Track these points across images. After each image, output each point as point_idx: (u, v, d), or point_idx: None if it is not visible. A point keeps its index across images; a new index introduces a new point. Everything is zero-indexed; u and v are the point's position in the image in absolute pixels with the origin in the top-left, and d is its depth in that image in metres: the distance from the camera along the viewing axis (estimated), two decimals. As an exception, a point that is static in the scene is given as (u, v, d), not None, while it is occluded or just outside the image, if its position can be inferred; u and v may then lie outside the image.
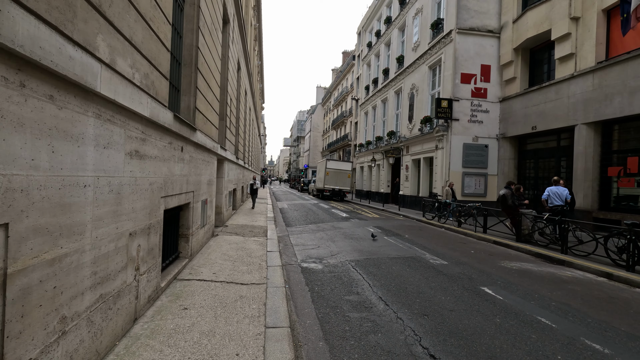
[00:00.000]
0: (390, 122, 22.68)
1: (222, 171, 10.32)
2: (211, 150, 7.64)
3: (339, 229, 11.00)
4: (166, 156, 4.35)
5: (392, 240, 9.16)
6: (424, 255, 7.39)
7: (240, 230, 9.72)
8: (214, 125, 8.00)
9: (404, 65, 20.42)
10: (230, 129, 11.39)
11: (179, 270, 5.26)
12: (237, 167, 14.37)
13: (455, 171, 14.97)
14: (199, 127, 6.26)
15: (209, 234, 8.01)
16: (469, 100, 15.11)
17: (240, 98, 14.88)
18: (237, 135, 14.37)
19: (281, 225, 11.82)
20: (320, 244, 8.58)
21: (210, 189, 7.86)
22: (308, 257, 7.13)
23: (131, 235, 3.30)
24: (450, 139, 14.98)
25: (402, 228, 11.60)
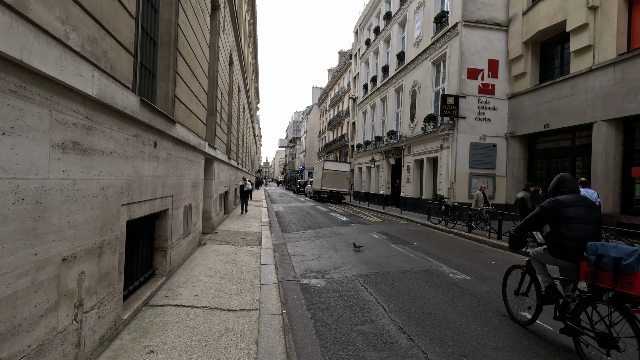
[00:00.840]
0: (390, 121, 21.83)
1: (211, 172, 9.34)
2: (197, 148, 6.67)
3: (340, 235, 10.07)
4: (130, 152, 3.39)
5: (401, 248, 8.24)
6: (440, 267, 6.47)
7: (231, 237, 8.75)
8: (200, 120, 7.04)
9: (405, 62, 19.58)
10: (221, 126, 10.43)
11: (153, 292, 4.30)
12: (229, 168, 13.40)
13: (462, 172, 14.12)
14: (180, 120, 5.30)
15: (195, 243, 7.04)
16: (476, 97, 14.28)
17: (232, 94, 13.92)
18: (229, 134, 13.41)
19: (277, 231, 10.87)
20: (320, 253, 7.64)
21: (196, 192, 6.89)
22: (308, 271, 6.19)
23: (66, 262, 2.34)
24: (457, 137, 14.13)
25: (409, 234, 10.70)
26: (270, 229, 11.02)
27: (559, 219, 3.35)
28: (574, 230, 3.25)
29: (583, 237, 3.20)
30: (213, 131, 9.32)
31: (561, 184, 3.58)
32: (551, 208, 3.42)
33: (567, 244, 3.24)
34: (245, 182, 13.66)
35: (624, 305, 2.72)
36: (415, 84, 18.10)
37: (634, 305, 2.69)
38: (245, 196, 13.74)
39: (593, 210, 3.37)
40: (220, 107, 10.37)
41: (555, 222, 3.39)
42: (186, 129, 5.71)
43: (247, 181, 13.78)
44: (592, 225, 3.27)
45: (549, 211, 3.44)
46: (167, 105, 4.88)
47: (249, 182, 14.19)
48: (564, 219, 3.32)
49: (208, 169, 9.30)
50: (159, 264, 4.91)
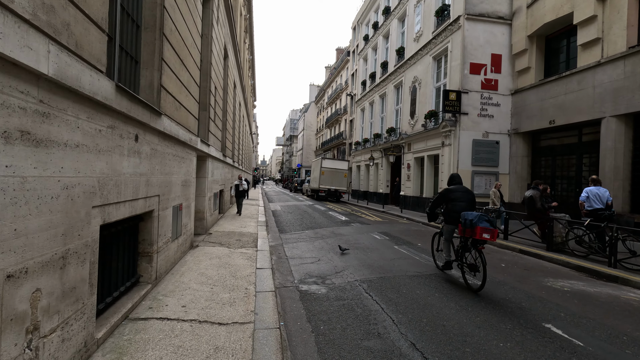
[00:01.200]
0: (389, 118, 21.41)
1: (204, 170, 8.89)
2: (187, 144, 6.22)
3: (340, 235, 9.64)
4: (104, 146, 2.94)
5: (405, 250, 7.83)
6: (449, 271, 6.06)
7: (225, 239, 8.30)
8: (191, 114, 6.58)
9: (405, 58, 19.16)
10: (215, 121, 9.97)
11: (135, 303, 3.85)
12: (224, 166, 12.93)
13: (464, 170, 13.72)
14: (167, 113, 4.85)
15: (186, 246, 6.58)
16: (479, 93, 13.88)
17: (228, 90, 13.45)
18: (224, 131, 12.94)
19: (274, 231, 10.43)
20: (320, 256, 7.21)
21: (187, 191, 6.44)
22: (307, 276, 5.76)
23: (12, 279, 1.90)
24: (459, 134, 13.73)
25: (411, 234, 10.30)
26: (267, 229, 10.58)
27: (449, 200, 5.65)
28: (456, 207, 5.51)
29: (460, 210, 5.42)
30: (206, 127, 8.85)
31: (451, 180, 5.92)
32: (445, 194, 5.73)
33: (453, 215, 5.52)
34: (240, 182, 12.91)
35: (477, 246, 4.97)
36: (415, 80, 17.68)
37: (481, 244, 4.96)
38: (241, 196, 12.89)
39: (467, 195, 5.60)
40: (214, 102, 9.90)
41: (447, 202, 5.70)
42: (175, 122, 5.25)
43: (242, 180, 13.09)
44: (465, 203, 5.50)
45: (444, 196, 5.75)
46: (152, 95, 4.42)
47: (245, 181, 13.51)
48: (451, 200, 5.61)
49: (201, 167, 8.84)
50: (143, 270, 4.46)
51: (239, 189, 12.78)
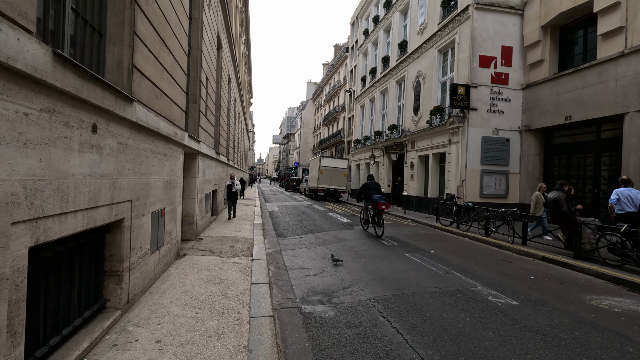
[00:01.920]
0: (391, 115, 20.61)
1: (194, 168, 8.03)
2: (171, 139, 5.37)
3: (343, 241, 8.83)
4: (33, 136, 2.10)
5: (418, 259, 7.02)
6: (474, 287, 5.26)
7: (218, 245, 7.46)
8: (177, 104, 5.73)
9: (408, 52, 18.34)
10: (206, 116, 9.11)
11: (95, 339, 3.01)
12: (218, 165, 12.07)
13: (473, 168, 12.96)
14: (143, 100, 4.00)
15: (170, 256, 5.74)
16: (489, 87, 13.10)
17: (222, 83, 12.57)
18: (217, 126, 12.08)
19: (271, 235, 9.60)
20: (324, 265, 6.39)
21: (170, 193, 5.59)
22: (311, 292, 4.94)
23: None
24: (468, 131, 12.95)
25: (420, 238, 9.51)
26: (264, 233, 9.75)
27: (367, 189, 10.02)
28: (369, 192, 9.91)
29: (372, 195, 9.70)
30: (196, 121, 7.99)
31: (369, 177, 10.85)
32: (365, 186, 10.18)
33: (368, 198, 9.87)
34: (233, 181, 11.51)
35: (379, 213, 9.40)
36: (419, 75, 16.88)
37: (381, 212, 9.36)
38: (234, 198, 11.53)
39: (376, 186, 10.16)
40: (206, 95, 9.04)
41: (366, 191, 10.04)
42: (154, 112, 4.40)
43: (235, 180, 11.74)
44: (374, 191, 9.88)
45: (364, 187, 10.17)
46: (121, 76, 3.57)
47: (241, 180, 12.45)
48: (368, 189, 10.02)
49: (190, 165, 7.99)
50: (111, 293, 3.62)
51: (231, 190, 11.41)
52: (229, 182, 11.53)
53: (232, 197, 11.51)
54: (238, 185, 11.72)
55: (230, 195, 11.48)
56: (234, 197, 11.56)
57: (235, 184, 11.52)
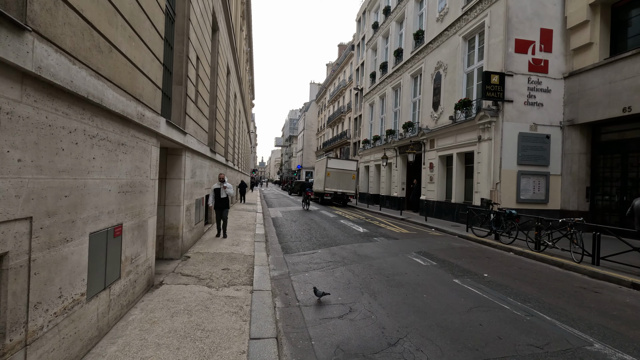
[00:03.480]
0: (405, 112, 18.89)
1: (178, 168, 6.32)
2: (132, 121, 3.65)
3: (366, 258, 7.07)
4: None
5: (473, 287, 5.27)
6: (589, 345, 3.49)
7: (208, 267, 5.72)
8: (144, 74, 4.02)
9: (425, 42, 16.64)
10: (197, 103, 7.41)
11: None
12: (214, 165, 10.37)
13: (509, 170, 11.20)
14: (54, 38, 2.27)
15: (134, 292, 3.98)
16: (526, 76, 11.37)
17: (218, 70, 10.90)
18: (213, 120, 10.39)
19: (276, 250, 7.86)
20: (350, 299, 4.65)
21: (133, 201, 3.86)
22: (341, 353, 3.20)
23: None
24: (502, 126, 11.20)
25: (459, 254, 7.75)
26: (267, 246, 8.02)
27: (306, 185, 20.29)
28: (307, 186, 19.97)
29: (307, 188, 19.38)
30: (182, 108, 6.30)
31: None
32: (304, 183, 23.97)
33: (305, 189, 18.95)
34: (222, 184, 8.42)
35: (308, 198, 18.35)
36: (439, 66, 15.16)
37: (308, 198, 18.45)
38: (223, 207, 8.43)
39: (308, 182, 22.67)
40: (197, 78, 7.35)
41: (304, 187, 20.20)
42: (89, 70, 2.68)
43: (225, 183, 8.50)
44: (309, 187, 19.96)
45: (303, 182, 26.75)
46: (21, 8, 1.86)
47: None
48: (307, 186, 20.23)
49: (173, 164, 6.27)
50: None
51: (220, 196, 8.39)
52: (217, 185, 8.46)
53: (222, 205, 8.43)
54: (230, 189, 8.50)
55: (219, 203, 8.41)
56: (223, 206, 8.43)
57: (226, 188, 8.40)
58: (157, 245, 6.20)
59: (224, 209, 8.47)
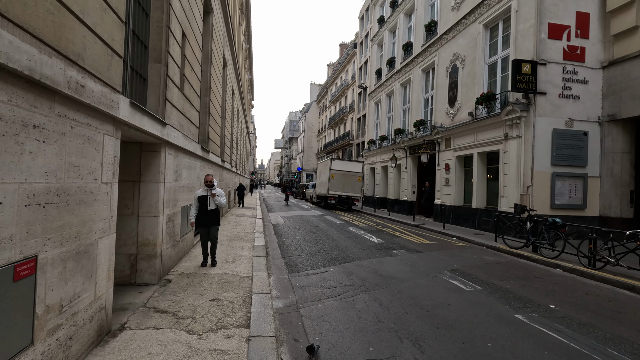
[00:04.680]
0: (415, 109, 17.57)
1: (155, 168, 4.97)
2: (65, 94, 2.29)
3: (392, 281, 5.72)
4: None
5: (550, 330, 3.91)
6: None
7: (191, 297, 4.37)
8: (91, 30, 2.67)
9: (438, 33, 15.36)
10: (183, 90, 6.09)
11: None
12: (206, 165, 9.03)
13: (542, 171, 9.87)
14: None
15: (72, 354, 2.61)
16: (560, 65, 10.06)
17: (213, 59, 9.59)
18: (206, 114, 9.08)
19: (279, 267, 6.51)
20: (387, 352, 3.29)
21: (70, 218, 2.50)
22: None
23: None
24: (534, 122, 9.88)
25: (499, 272, 6.40)
26: (268, 263, 6.67)
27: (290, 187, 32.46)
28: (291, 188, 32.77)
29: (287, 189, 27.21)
30: (160, 91, 4.96)
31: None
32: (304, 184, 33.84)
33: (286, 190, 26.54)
34: (209, 191, 5.95)
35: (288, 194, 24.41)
36: (455, 58, 13.87)
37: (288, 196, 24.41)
38: (211, 222, 5.97)
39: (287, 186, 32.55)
40: (182, 58, 6.04)
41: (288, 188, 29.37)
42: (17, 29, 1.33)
43: (215, 189, 6.00)
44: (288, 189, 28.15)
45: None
46: None
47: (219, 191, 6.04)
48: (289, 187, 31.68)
49: (150, 163, 4.93)
50: None
51: (207, 208, 5.93)
52: (203, 192, 5.95)
53: (209, 220, 5.93)
54: (221, 198, 6.04)
55: (206, 217, 5.90)
56: (211, 221, 5.94)
57: (216, 195, 5.95)
58: (128, 267, 4.86)
59: (213, 226, 5.94)
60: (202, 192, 5.96)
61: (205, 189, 5.99)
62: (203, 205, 5.94)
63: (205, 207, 5.93)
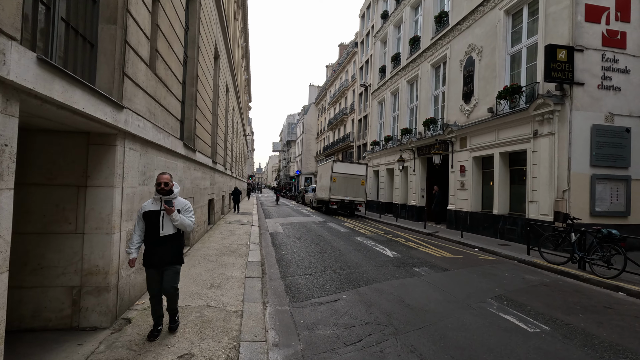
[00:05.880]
0: (424, 107, 16.31)
1: (108, 168, 3.64)
2: None
3: (426, 315, 4.38)
4: None
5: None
6: None
7: (151, 350, 3.01)
8: None
9: (450, 23, 14.14)
10: (156, 70, 4.77)
11: None
12: (191, 167, 7.67)
13: (580, 173, 8.60)
14: None
15: None
16: (599, 52, 8.84)
17: (202, 45, 8.29)
18: (193, 108, 7.80)
19: (277, 292, 5.16)
20: None
21: None
22: None
23: None
24: (570, 117, 8.62)
25: (556, 301, 5.09)
26: (264, 287, 5.33)
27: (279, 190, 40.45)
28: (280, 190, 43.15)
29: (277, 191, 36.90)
30: (115, 62, 3.64)
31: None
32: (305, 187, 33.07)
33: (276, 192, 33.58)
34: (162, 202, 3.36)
35: None
36: (471, 49, 12.63)
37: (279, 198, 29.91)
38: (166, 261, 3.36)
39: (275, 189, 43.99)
40: (153, 26, 4.73)
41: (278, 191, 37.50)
42: None
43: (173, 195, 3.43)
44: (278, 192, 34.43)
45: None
46: None
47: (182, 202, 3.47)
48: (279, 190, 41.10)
49: (100, 160, 3.60)
50: None
51: (159, 233, 3.34)
52: (151, 205, 3.39)
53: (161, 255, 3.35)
54: (185, 214, 3.50)
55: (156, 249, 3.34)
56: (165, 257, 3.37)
57: (174, 210, 3.36)
58: (68, 305, 3.51)
59: (168, 268, 3.39)
60: (151, 205, 3.36)
61: (153, 200, 3.39)
62: (152, 227, 3.33)
63: (156, 232, 3.32)
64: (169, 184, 3.38)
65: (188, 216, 3.51)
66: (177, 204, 3.47)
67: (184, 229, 3.47)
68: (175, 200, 3.47)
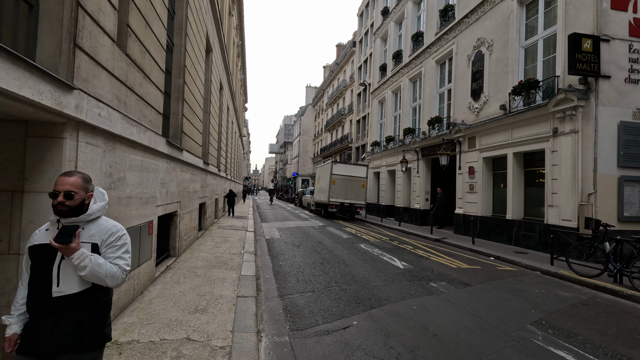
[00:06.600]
0: (428, 106, 15.55)
1: (52, 169, 2.75)
2: None
3: (457, 349, 3.56)
4: None
5: None
6: None
7: None
8: None
9: (456, 17, 13.41)
10: (127, 51, 3.98)
11: None
12: (177, 168, 6.80)
13: (607, 174, 7.85)
14: None
15: None
16: (626, 42, 8.11)
17: (190, 32, 7.46)
18: (179, 102, 6.99)
19: (275, 317, 4.32)
20: None
21: None
22: None
23: None
24: (596, 113, 7.87)
25: (606, 324, 4.30)
26: (258, 310, 4.49)
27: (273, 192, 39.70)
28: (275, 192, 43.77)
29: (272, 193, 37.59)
30: (64, 30, 2.77)
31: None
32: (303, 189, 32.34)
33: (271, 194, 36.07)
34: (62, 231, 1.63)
35: None
36: (480, 43, 11.89)
37: None
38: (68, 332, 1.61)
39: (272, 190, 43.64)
40: (128, 3, 3.89)
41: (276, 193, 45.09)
42: None
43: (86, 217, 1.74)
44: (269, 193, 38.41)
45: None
46: None
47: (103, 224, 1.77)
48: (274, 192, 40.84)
49: (43, 158, 2.72)
50: None
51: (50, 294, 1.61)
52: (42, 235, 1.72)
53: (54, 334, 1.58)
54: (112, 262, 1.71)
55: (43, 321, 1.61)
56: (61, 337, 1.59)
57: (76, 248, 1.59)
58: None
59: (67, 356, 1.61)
60: (43, 238, 1.70)
61: (52, 220, 1.72)
62: (39, 278, 1.67)
63: (46, 288, 1.63)
64: (75, 194, 1.68)
65: (115, 256, 1.76)
66: (91, 232, 1.75)
67: (102, 283, 1.68)
68: (89, 225, 1.76)
